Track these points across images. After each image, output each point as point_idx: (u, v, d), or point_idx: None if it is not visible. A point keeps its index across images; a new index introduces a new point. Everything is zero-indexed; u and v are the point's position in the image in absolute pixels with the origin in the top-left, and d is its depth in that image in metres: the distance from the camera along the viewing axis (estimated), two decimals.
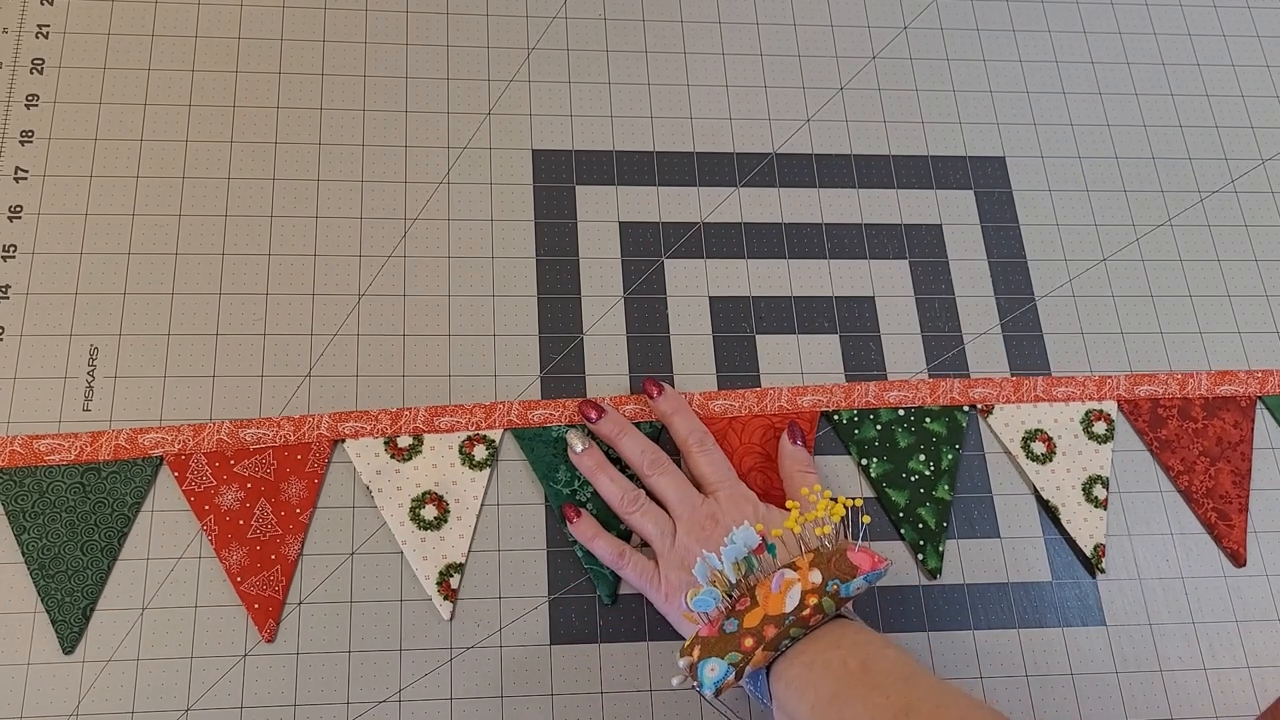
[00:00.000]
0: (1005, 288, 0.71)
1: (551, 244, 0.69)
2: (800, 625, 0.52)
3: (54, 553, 0.58)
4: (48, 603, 0.57)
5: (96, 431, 0.61)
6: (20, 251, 0.65)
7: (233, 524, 0.60)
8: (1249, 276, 0.74)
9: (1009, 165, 0.75)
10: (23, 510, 0.59)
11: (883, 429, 0.66)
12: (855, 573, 0.52)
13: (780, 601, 0.52)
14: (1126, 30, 0.81)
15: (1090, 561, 0.65)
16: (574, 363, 0.66)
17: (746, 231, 0.71)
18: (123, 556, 0.59)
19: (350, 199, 0.68)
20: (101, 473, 0.60)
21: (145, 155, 0.68)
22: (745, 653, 0.51)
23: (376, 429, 0.63)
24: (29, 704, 0.56)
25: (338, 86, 0.71)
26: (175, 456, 0.61)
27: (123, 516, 0.59)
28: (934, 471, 0.65)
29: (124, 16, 0.71)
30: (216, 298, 0.65)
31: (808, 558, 0.53)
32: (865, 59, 0.77)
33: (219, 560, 0.59)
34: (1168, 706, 0.62)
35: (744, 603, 0.53)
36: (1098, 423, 0.67)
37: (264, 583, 0.59)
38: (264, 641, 0.58)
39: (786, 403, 0.66)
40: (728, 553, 0.52)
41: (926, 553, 0.63)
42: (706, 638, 0.52)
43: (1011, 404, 0.67)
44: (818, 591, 0.52)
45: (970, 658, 0.62)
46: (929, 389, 0.67)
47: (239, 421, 0.62)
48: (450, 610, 0.60)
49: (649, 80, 0.74)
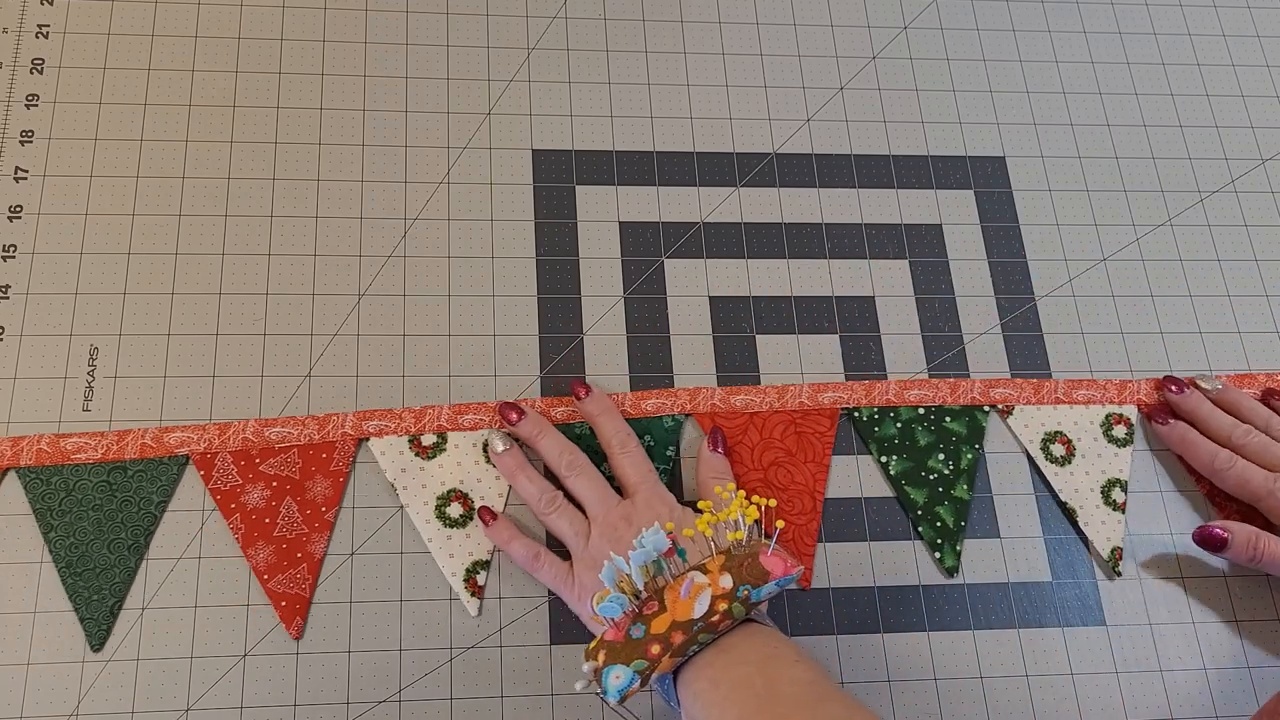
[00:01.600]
0: (1005, 288, 0.71)
1: (551, 244, 0.69)
2: (709, 631, 0.51)
3: (81, 551, 0.58)
4: (75, 601, 0.58)
5: (122, 430, 0.61)
6: (20, 251, 0.65)
7: (259, 522, 0.60)
8: (1249, 276, 0.74)
9: (1009, 165, 0.75)
10: (50, 508, 0.59)
11: (903, 427, 0.66)
12: (767, 578, 0.51)
13: (689, 607, 0.51)
14: (1126, 30, 0.81)
15: (1108, 564, 0.65)
16: (574, 363, 0.66)
17: (746, 231, 0.71)
18: None
19: (350, 199, 0.68)
20: (128, 471, 0.60)
21: (145, 155, 0.68)
22: (651, 660, 0.50)
23: (400, 427, 0.63)
24: (29, 704, 0.56)
25: (338, 86, 0.71)
26: (201, 455, 0.61)
27: (149, 515, 0.60)
28: (953, 470, 0.65)
29: (124, 16, 0.71)
30: (216, 298, 0.65)
31: (719, 560, 0.52)
32: (865, 59, 0.77)
33: (245, 558, 0.59)
34: (1168, 706, 0.62)
35: (652, 607, 0.52)
36: (1117, 426, 0.68)
37: (291, 580, 0.59)
38: (292, 639, 0.59)
39: (807, 399, 0.66)
40: (636, 556, 0.51)
41: (944, 551, 0.64)
42: (612, 642, 0.51)
43: (1032, 405, 0.68)
44: (728, 597, 0.51)
45: (970, 658, 0.62)
46: (949, 388, 0.67)
47: (264, 420, 0.62)
48: (478, 607, 0.60)
49: (649, 80, 0.74)
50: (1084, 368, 0.70)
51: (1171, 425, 0.67)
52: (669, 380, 0.66)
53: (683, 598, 0.51)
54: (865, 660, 0.62)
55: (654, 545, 0.51)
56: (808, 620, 0.62)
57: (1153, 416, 0.68)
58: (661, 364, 0.67)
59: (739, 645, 0.51)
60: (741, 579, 0.51)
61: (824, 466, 0.65)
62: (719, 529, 0.53)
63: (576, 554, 0.58)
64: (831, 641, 0.62)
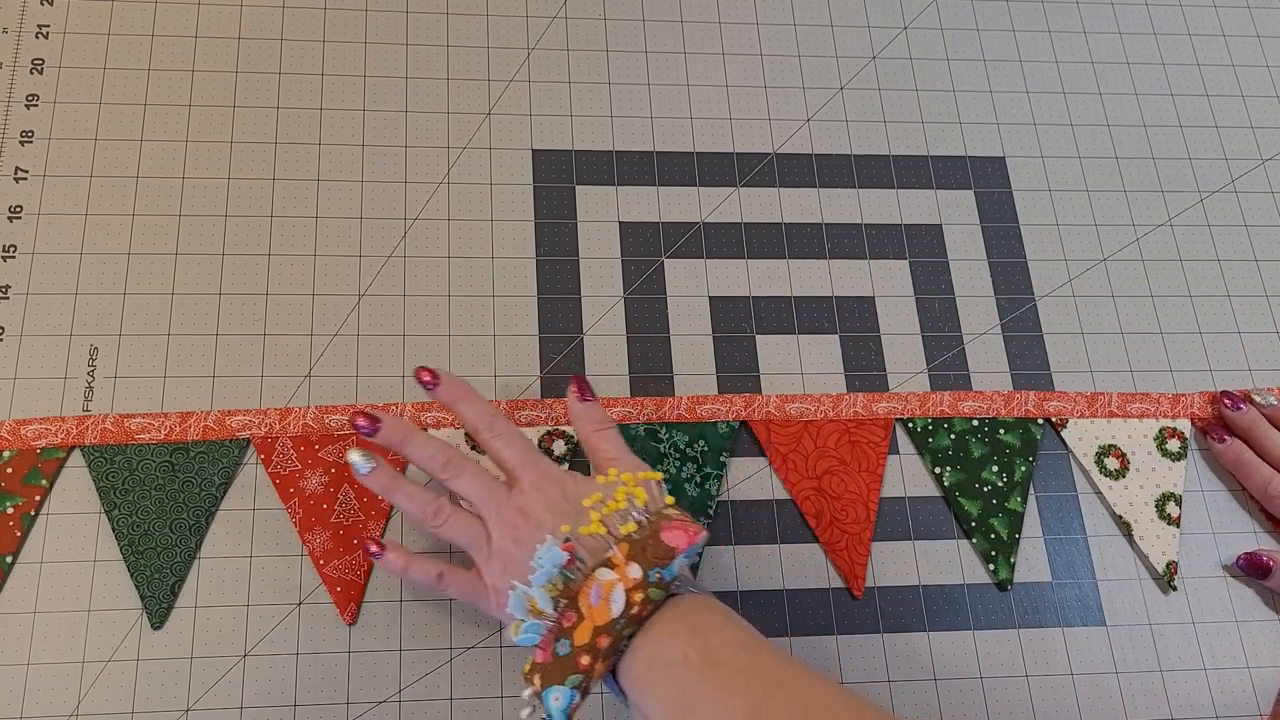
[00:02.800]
0: (1005, 288, 0.71)
1: (551, 244, 0.69)
2: (633, 623, 0.50)
3: (144, 529, 0.59)
4: (137, 579, 0.58)
5: (186, 412, 0.62)
6: (20, 251, 0.65)
7: (317, 508, 0.61)
8: (1249, 276, 0.74)
9: (1009, 165, 0.75)
10: (113, 487, 0.60)
11: (956, 438, 0.66)
12: (673, 554, 0.50)
13: (605, 610, 0.49)
14: (1126, 30, 0.81)
15: (1163, 579, 0.65)
16: (574, 363, 0.66)
17: (746, 231, 0.71)
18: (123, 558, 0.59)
19: (350, 199, 0.68)
20: (190, 452, 0.61)
21: (145, 155, 0.68)
22: (584, 671, 0.49)
23: (458, 421, 0.63)
24: (29, 704, 0.56)
25: (338, 86, 0.71)
26: (262, 439, 0.62)
27: (210, 496, 0.60)
28: (1007, 483, 0.65)
29: (124, 16, 0.71)
30: (216, 298, 0.65)
31: (623, 550, 0.50)
32: (865, 59, 0.77)
33: (303, 543, 0.60)
34: (1168, 706, 0.62)
35: (570, 619, 0.50)
36: (1171, 440, 0.68)
37: (346, 566, 0.60)
38: (345, 624, 0.59)
39: (862, 408, 0.66)
40: (537, 579, 0.50)
41: (998, 564, 0.64)
42: (543, 664, 0.50)
43: (1085, 419, 0.68)
44: (641, 586, 0.49)
45: (970, 658, 0.62)
46: (1004, 400, 0.67)
47: (324, 407, 0.63)
48: None
49: (649, 80, 0.74)
50: (1084, 368, 0.70)
51: (1229, 444, 0.67)
52: (669, 382, 0.66)
53: (595, 604, 0.50)
54: (865, 660, 0.62)
55: (551, 562, 0.50)
56: (808, 620, 0.62)
57: (1209, 432, 0.68)
58: (662, 364, 0.67)
59: (665, 623, 0.50)
60: (649, 563, 0.50)
61: (878, 476, 0.65)
62: (611, 521, 0.52)
63: (481, 562, 0.55)
64: (832, 642, 0.62)
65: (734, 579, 0.62)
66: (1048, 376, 0.69)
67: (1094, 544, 0.66)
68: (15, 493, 0.59)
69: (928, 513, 0.65)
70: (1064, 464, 0.67)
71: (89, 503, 0.60)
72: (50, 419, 0.61)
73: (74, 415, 0.61)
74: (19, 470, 0.60)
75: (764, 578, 0.63)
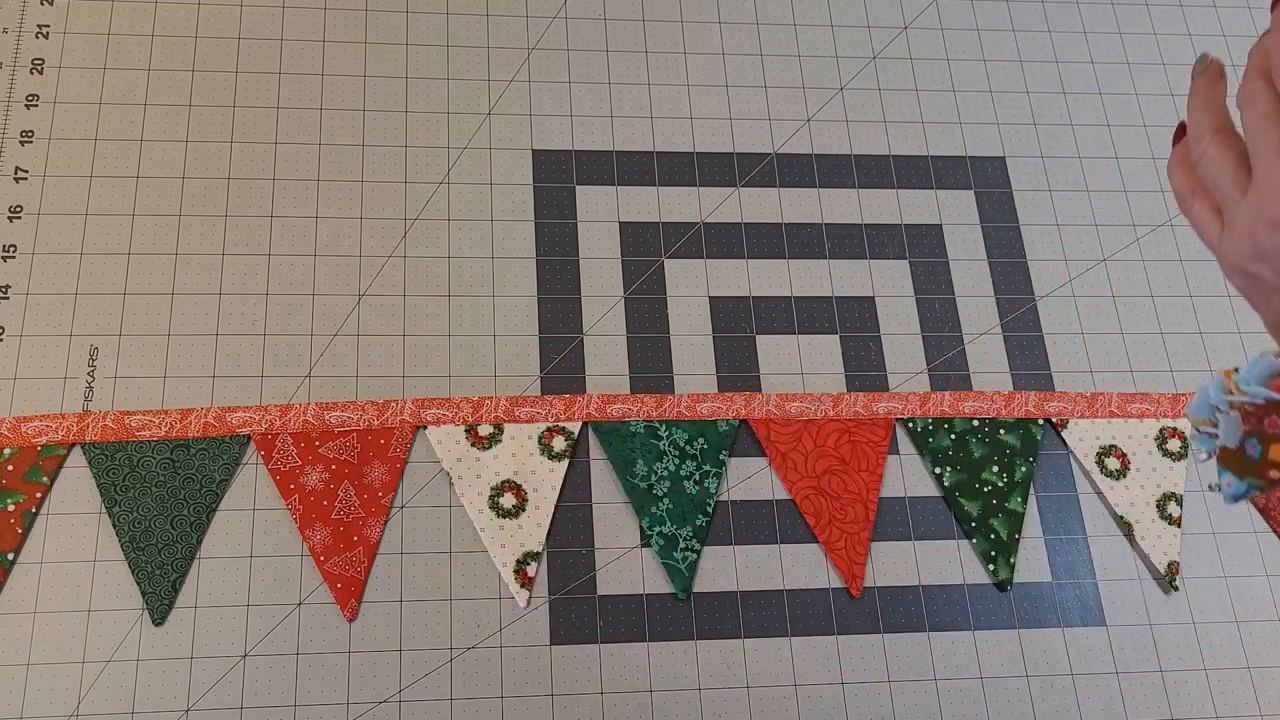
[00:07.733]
0: (1005, 288, 0.71)
1: (551, 244, 0.69)
2: None
3: (144, 526, 0.59)
4: (138, 575, 0.58)
5: (186, 409, 0.62)
6: (20, 251, 0.65)
7: (317, 504, 0.61)
8: None
9: (1009, 165, 0.75)
10: (114, 484, 0.60)
11: (957, 438, 0.66)
12: None
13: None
14: (1126, 30, 0.81)
15: (1164, 579, 0.65)
16: (574, 363, 0.66)
17: (746, 231, 0.71)
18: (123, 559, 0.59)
19: (350, 199, 0.68)
20: (191, 449, 0.61)
21: (145, 155, 0.68)
22: (1269, 482, 0.40)
23: (458, 417, 0.63)
24: (29, 704, 0.56)
25: (338, 86, 0.71)
26: (262, 436, 0.62)
27: (211, 493, 0.60)
28: (1007, 483, 0.65)
29: (124, 16, 0.71)
30: (216, 298, 0.65)
31: None
32: (865, 59, 0.77)
33: (303, 539, 0.60)
34: (1168, 706, 0.62)
35: (1274, 424, 0.40)
36: (1171, 440, 0.68)
37: (347, 563, 0.60)
38: (346, 621, 0.59)
39: (862, 408, 0.66)
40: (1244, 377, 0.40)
41: (998, 564, 0.64)
42: (1227, 450, 0.41)
43: (1086, 419, 0.68)
44: None
45: (970, 658, 0.62)
46: (1004, 401, 0.67)
47: (324, 404, 0.63)
48: (526, 598, 0.60)
49: (649, 80, 0.74)
50: (1084, 368, 0.70)
51: None
52: (669, 381, 0.66)
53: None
54: (865, 660, 0.62)
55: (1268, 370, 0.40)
56: (807, 620, 0.62)
57: None
58: (662, 364, 0.67)
59: None
60: None
61: (877, 476, 0.65)
62: None
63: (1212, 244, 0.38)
64: (832, 642, 0.62)
65: (734, 579, 0.62)
66: (1048, 377, 0.69)
67: (1094, 544, 0.66)
68: (16, 490, 0.59)
69: (928, 513, 0.65)
70: (1064, 464, 0.67)
71: (90, 500, 0.60)
72: (51, 416, 0.61)
73: (74, 413, 0.61)
74: (20, 467, 0.60)
75: (764, 577, 0.63)
